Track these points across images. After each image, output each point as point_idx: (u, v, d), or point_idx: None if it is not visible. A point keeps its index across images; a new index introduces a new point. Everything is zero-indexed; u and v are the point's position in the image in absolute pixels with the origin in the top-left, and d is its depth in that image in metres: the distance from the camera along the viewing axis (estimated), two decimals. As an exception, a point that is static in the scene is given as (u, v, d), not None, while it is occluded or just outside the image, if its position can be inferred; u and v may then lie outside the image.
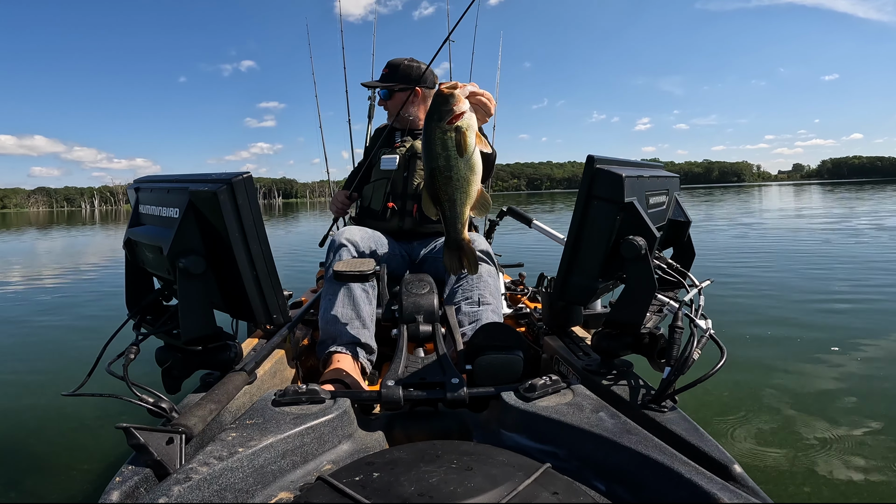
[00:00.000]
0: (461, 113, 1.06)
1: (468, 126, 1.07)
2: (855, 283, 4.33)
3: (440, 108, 1.07)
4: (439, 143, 1.07)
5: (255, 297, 0.94)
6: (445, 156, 1.07)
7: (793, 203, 20.15)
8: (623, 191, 0.89)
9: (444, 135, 1.07)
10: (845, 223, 9.89)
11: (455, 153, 1.07)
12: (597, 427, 0.72)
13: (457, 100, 1.07)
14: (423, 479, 0.58)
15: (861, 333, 2.91)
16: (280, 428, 0.73)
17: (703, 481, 0.60)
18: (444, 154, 1.07)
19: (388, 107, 1.93)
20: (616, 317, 0.99)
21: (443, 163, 1.07)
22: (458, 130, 1.06)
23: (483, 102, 1.20)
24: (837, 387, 2.21)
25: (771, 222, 11.40)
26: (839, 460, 1.63)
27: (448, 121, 1.06)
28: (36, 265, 8.25)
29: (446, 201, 1.09)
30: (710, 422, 1.91)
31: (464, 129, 1.07)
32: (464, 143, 1.07)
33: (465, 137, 1.07)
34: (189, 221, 0.90)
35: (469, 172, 1.08)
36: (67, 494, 1.61)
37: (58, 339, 3.54)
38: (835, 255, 5.87)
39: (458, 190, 1.08)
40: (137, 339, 0.98)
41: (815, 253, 6.16)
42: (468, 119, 1.07)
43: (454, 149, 1.07)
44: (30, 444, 1.97)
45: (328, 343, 1.36)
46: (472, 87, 1.17)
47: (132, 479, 0.69)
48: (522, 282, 2.26)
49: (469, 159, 1.08)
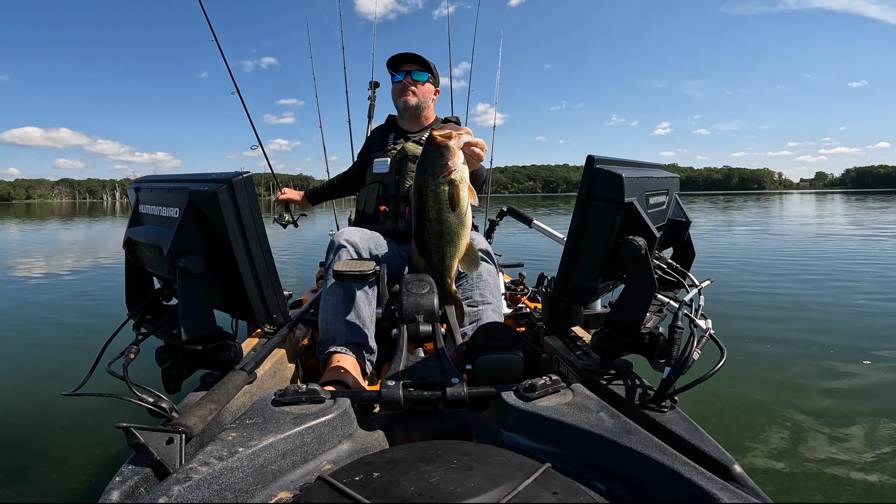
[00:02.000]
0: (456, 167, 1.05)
1: (461, 179, 1.06)
2: (869, 288, 4.31)
3: (434, 161, 1.05)
4: (432, 195, 1.06)
5: (255, 296, 0.94)
6: (437, 209, 1.06)
7: (813, 210, 20.02)
8: (623, 191, 0.89)
9: (438, 188, 1.05)
10: (860, 231, 9.82)
11: (447, 207, 1.06)
12: (597, 427, 0.72)
13: (452, 153, 1.05)
14: (423, 479, 0.58)
15: (866, 337, 2.91)
16: (280, 428, 0.73)
17: (703, 481, 0.60)
18: (436, 207, 1.06)
19: (419, 91, 1.89)
20: (616, 317, 0.99)
21: (434, 216, 1.06)
22: (451, 184, 1.05)
23: (476, 153, 1.19)
24: (838, 387, 2.21)
25: (790, 228, 11.34)
26: (839, 460, 1.63)
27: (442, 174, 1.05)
28: (56, 255, 8.27)
29: (436, 253, 1.08)
30: (710, 422, 1.91)
31: (457, 182, 1.05)
32: (456, 197, 1.06)
33: (458, 191, 1.06)
34: (189, 221, 0.90)
35: (460, 226, 1.07)
36: (67, 494, 1.61)
37: (58, 339, 3.54)
38: (845, 262, 5.86)
39: (448, 243, 1.07)
40: (137, 339, 0.98)
41: (822, 258, 6.15)
42: (462, 172, 1.06)
43: (447, 202, 1.06)
44: (30, 444, 1.97)
45: (328, 343, 1.36)
46: (466, 137, 1.14)
47: (132, 478, 0.69)
48: (522, 282, 2.26)
49: (461, 213, 1.07)
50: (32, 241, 11.47)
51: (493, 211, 2.64)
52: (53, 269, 6.83)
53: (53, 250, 9.46)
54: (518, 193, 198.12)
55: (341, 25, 3.67)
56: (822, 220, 13.64)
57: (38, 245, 10.40)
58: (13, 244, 11.06)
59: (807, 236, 9.11)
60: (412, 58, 1.90)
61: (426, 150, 1.06)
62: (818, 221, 13.43)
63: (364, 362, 1.36)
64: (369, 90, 3.11)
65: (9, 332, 3.75)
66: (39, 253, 8.92)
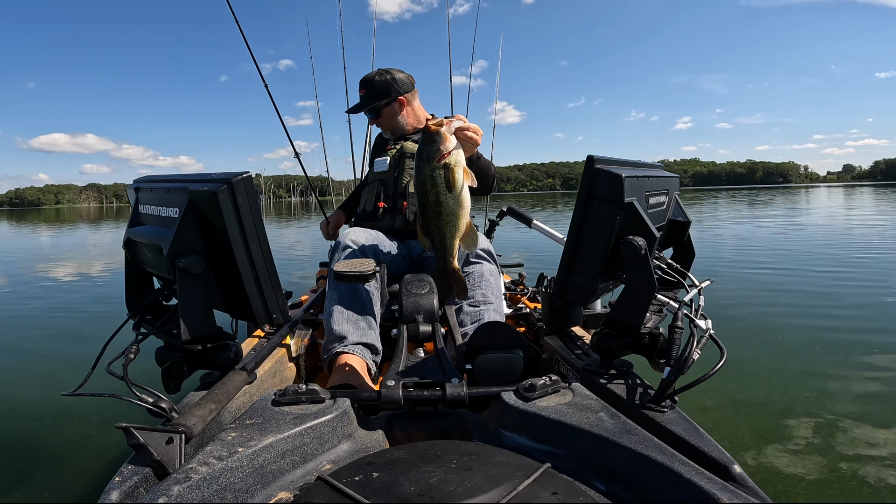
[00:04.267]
0: (449, 151, 1.13)
1: (456, 163, 1.14)
2: (870, 285, 4.29)
3: (428, 147, 1.14)
4: (429, 180, 1.14)
5: (254, 296, 0.94)
6: (435, 192, 1.15)
7: (840, 203, 19.60)
8: (623, 191, 0.89)
9: (434, 172, 1.14)
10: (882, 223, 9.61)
11: (444, 189, 1.14)
12: (597, 427, 0.72)
13: (444, 138, 1.13)
14: (423, 479, 0.58)
15: (868, 335, 2.91)
16: (280, 428, 0.73)
17: (703, 481, 0.60)
18: (434, 191, 1.15)
19: (380, 124, 1.89)
20: (616, 317, 0.99)
21: (433, 199, 1.15)
22: (446, 168, 1.13)
23: (469, 136, 1.26)
24: (838, 387, 2.21)
25: (811, 221, 11.08)
26: (840, 460, 1.63)
27: (437, 159, 1.13)
28: (84, 257, 8.21)
29: (436, 234, 1.17)
30: (710, 422, 1.91)
31: (452, 166, 1.14)
32: (452, 180, 1.14)
33: (453, 174, 1.14)
34: (189, 221, 0.90)
35: (457, 207, 1.16)
36: (67, 494, 1.61)
37: (59, 338, 3.54)
38: (868, 255, 5.80)
39: (448, 223, 1.16)
40: (137, 339, 0.98)
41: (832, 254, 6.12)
42: (456, 156, 1.14)
43: (443, 185, 1.14)
44: (29, 444, 1.97)
45: (335, 343, 1.35)
46: (458, 123, 1.22)
47: (132, 478, 0.69)
48: (522, 282, 2.26)
49: (457, 195, 1.15)
50: (64, 245, 11.42)
51: (492, 210, 2.64)
52: (83, 270, 6.82)
53: (82, 253, 9.42)
54: (537, 191, 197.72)
55: (341, 26, 3.68)
56: (853, 213, 13.39)
57: (68, 250, 10.30)
58: (44, 248, 11.01)
59: (833, 231, 8.98)
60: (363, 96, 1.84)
61: (421, 138, 1.14)
62: (847, 214, 13.18)
63: (369, 363, 1.36)
64: None
65: (10, 330, 3.75)
66: (68, 257, 8.85)
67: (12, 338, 3.63)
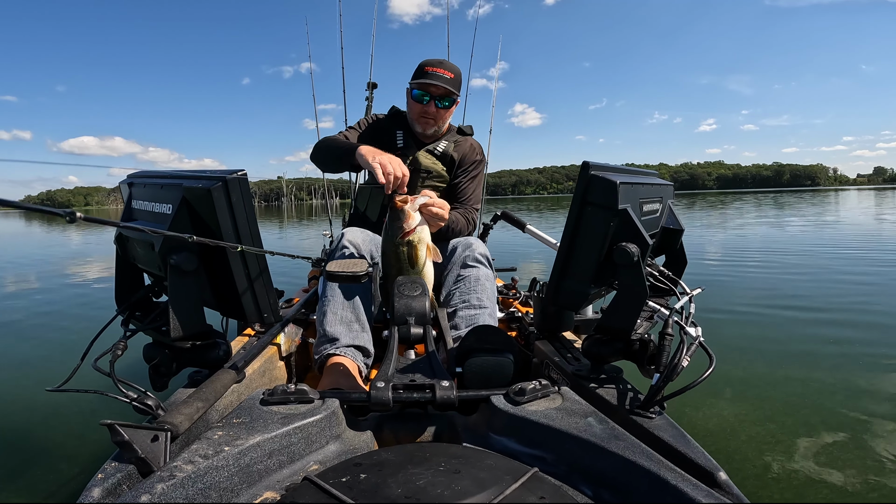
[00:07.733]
0: (413, 229, 1.17)
1: (419, 240, 1.18)
2: (865, 292, 4.32)
3: (392, 224, 1.17)
4: (393, 255, 1.19)
5: (246, 295, 0.94)
6: (398, 267, 1.20)
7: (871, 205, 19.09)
8: (617, 198, 0.89)
9: (397, 248, 1.18)
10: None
11: (407, 265, 1.19)
12: (585, 432, 0.72)
13: (407, 216, 1.17)
14: (411, 481, 0.58)
15: (857, 341, 2.94)
16: (267, 427, 0.73)
17: (689, 488, 0.60)
18: (398, 266, 1.20)
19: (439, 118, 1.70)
20: (607, 322, 0.99)
21: (395, 273, 1.20)
22: (409, 245, 1.17)
23: (435, 213, 1.28)
24: (826, 394, 2.22)
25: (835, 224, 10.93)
26: (827, 467, 1.64)
27: (400, 236, 1.16)
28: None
29: None
30: (697, 428, 1.92)
31: (415, 243, 1.18)
32: (415, 257, 1.19)
33: (416, 251, 1.18)
34: (182, 218, 0.89)
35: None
36: (49, 492, 1.59)
37: (44, 334, 3.50)
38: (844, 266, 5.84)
39: None
40: (125, 336, 0.97)
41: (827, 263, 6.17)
42: (419, 233, 1.18)
43: (406, 261, 1.19)
44: (11, 440, 1.94)
45: (325, 345, 1.34)
46: (423, 199, 1.24)
47: (115, 476, 0.68)
48: (515, 286, 2.27)
49: (419, 270, 1.20)
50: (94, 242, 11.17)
51: (486, 215, 2.64)
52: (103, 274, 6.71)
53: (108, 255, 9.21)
54: (557, 194, 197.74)
55: (340, 25, 3.68)
56: (886, 215, 13.22)
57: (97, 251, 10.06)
58: (76, 249, 10.79)
59: (852, 235, 8.90)
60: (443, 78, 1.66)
61: (388, 214, 1.18)
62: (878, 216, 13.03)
63: (361, 365, 1.35)
64: (367, 91, 3.12)
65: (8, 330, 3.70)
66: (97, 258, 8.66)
67: (2, 334, 3.58)
